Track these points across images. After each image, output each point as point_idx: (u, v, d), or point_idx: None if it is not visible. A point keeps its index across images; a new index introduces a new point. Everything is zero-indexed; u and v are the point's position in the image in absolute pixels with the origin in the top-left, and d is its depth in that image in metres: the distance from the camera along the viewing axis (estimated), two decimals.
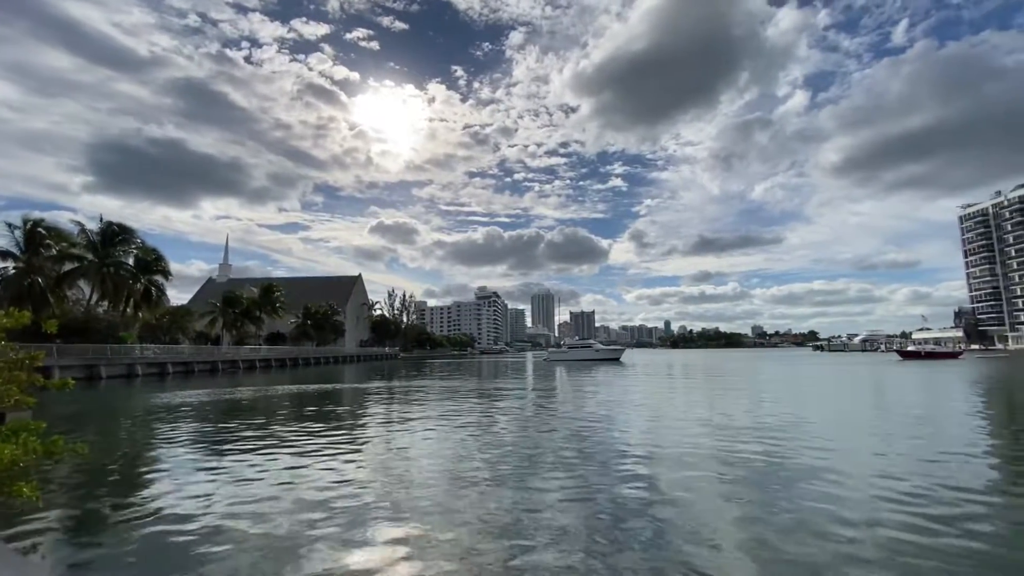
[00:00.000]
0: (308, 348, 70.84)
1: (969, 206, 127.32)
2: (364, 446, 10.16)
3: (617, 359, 67.02)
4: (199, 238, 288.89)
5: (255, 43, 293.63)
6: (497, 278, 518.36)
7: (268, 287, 66.74)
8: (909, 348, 66.39)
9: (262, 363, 52.79)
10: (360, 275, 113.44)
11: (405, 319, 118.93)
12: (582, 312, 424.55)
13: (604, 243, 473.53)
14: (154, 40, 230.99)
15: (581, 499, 6.35)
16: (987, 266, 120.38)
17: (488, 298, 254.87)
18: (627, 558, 4.56)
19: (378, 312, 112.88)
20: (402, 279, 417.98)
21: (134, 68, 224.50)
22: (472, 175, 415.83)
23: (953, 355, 60.15)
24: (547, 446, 9.81)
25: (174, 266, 46.38)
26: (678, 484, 7.05)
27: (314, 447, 9.91)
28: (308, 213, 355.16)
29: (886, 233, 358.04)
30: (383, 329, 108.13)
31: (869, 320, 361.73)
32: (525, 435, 11.11)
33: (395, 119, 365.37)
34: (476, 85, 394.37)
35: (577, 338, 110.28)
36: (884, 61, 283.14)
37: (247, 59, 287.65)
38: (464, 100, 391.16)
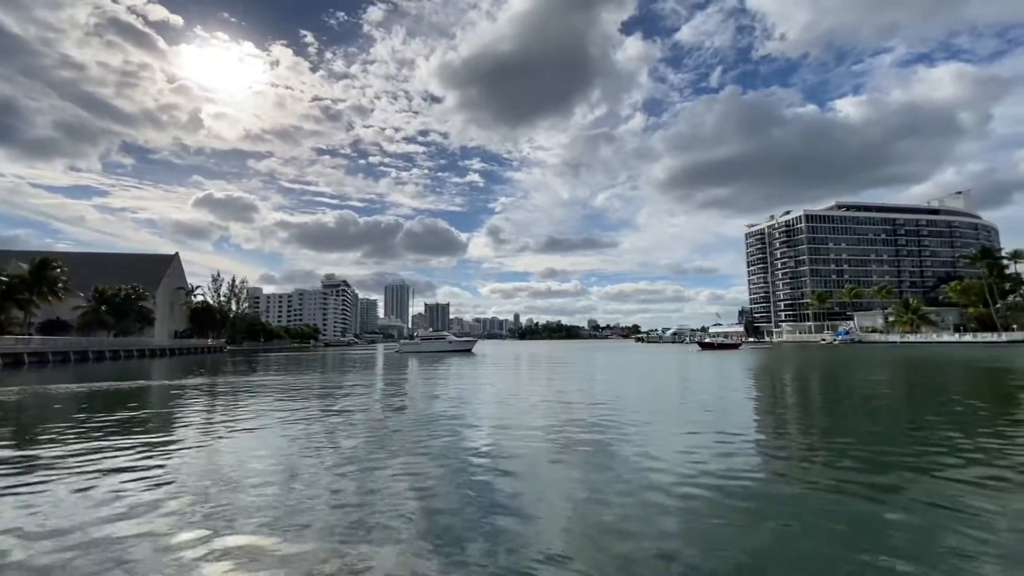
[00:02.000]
0: (103, 339, 58.46)
1: (752, 226, 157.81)
2: (173, 453, 8.74)
3: (469, 350, 68.47)
4: None
5: None
6: (350, 266, 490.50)
7: (43, 261, 53.25)
8: (706, 340, 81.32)
9: (34, 357, 42.08)
10: (177, 254, 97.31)
11: (234, 307, 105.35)
12: (437, 304, 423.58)
13: (463, 236, 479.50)
14: None
15: (425, 488, 6.33)
16: (761, 275, 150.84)
17: (336, 287, 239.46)
18: (464, 547, 4.67)
19: (200, 298, 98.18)
20: (235, 262, 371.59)
21: None
22: (321, 152, 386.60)
23: (735, 346, 74.15)
24: (394, 439, 9.58)
25: None
26: (520, 468, 7.45)
27: (105, 458, 8.23)
28: (110, 176, 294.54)
29: (694, 244, 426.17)
30: (205, 318, 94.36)
31: (679, 316, 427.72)
32: (370, 430, 10.70)
33: (228, 78, 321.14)
34: (329, 55, 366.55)
35: (431, 330, 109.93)
36: (702, 98, 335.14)
37: None
38: (314, 70, 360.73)
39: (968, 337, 74.36)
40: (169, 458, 8.21)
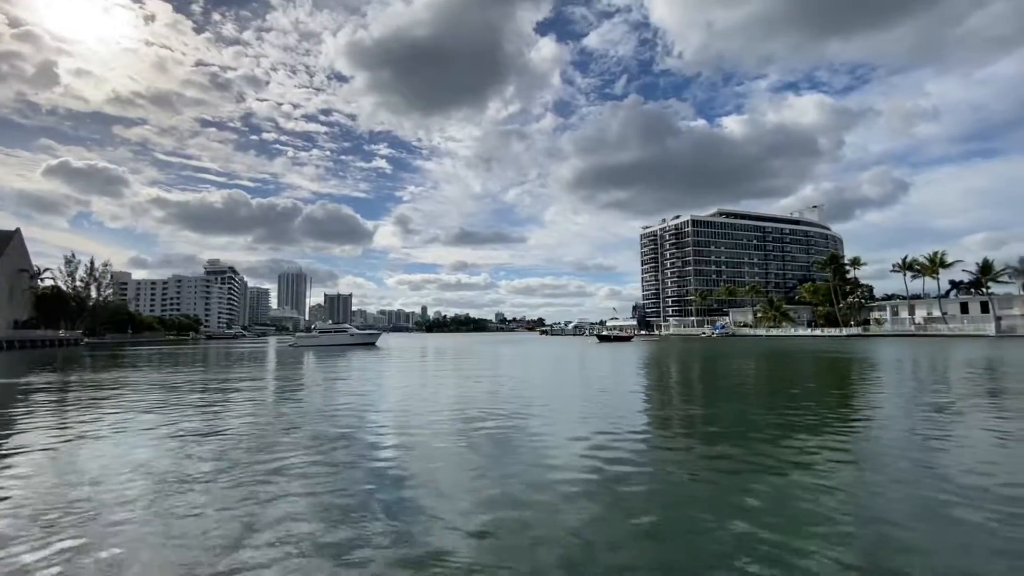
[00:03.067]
0: None
1: (646, 228, 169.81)
2: (14, 464, 7.43)
3: (373, 343, 66.16)
4: None
5: None
6: (240, 251, 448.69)
7: None
8: (603, 333, 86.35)
9: None
10: (19, 230, 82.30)
11: (94, 293, 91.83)
12: (338, 294, 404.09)
13: (369, 224, 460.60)
14: None
15: (318, 490, 6.00)
16: (653, 273, 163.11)
17: (222, 273, 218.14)
18: (361, 549, 4.51)
19: (49, 282, 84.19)
20: (98, 242, 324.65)
21: None
22: (206, 124, 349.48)
23: (628, 338, 79.80)
24: (285, 440, 8.97)
25: None
26: (421, 464, 7.35)
27: None
28: None
29: (596, 242, 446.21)
30: (56, 306, 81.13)
31: (581, 310, 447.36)
32: (258, 430, 9.93)
33: (90, 30, 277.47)
34: (217, 17, 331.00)
35: (330, 322, 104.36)
36: (608, 104, 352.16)
37: None
38: (199, 31, 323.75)
39: (817, 331, 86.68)
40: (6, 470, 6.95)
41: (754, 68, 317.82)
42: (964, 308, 70.38)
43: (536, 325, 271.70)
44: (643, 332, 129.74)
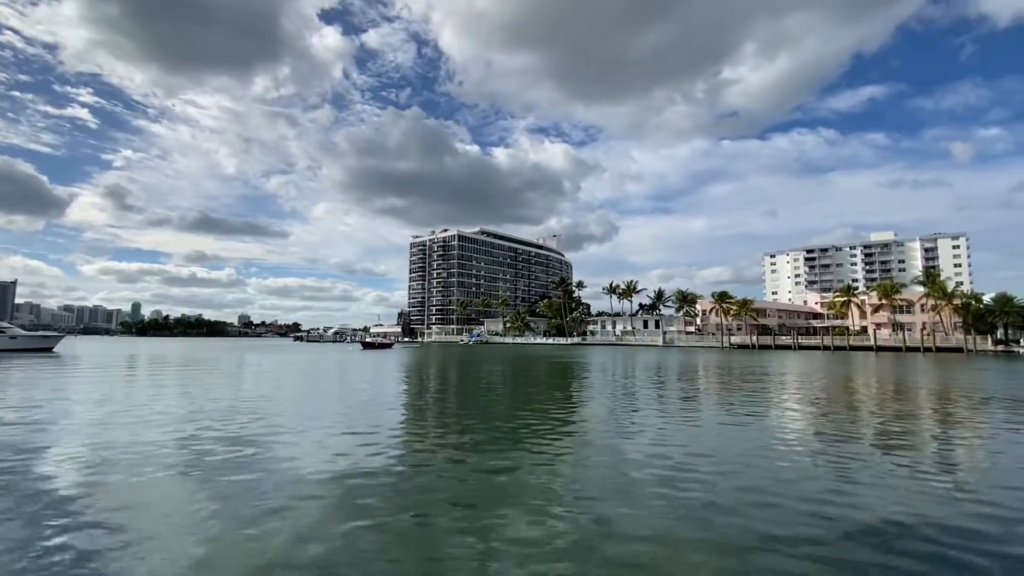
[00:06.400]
0: None
1: (416, 237, 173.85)
2: None
3: (50, 349, 49.69)
4: None
5: None
6: None
7: None
8: (367, 340, 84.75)
9: None
10: None
11: None
12: None
13: (60, 191, 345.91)
14: None
15: None
16: (420, 282, 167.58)
17: None
18: None
19: None
20: None
21: None
22: None
23: (389, 345, 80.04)
24: None
25: None
26: (121, 509, 5.95)
27: None
28: None
29: (366, 246, 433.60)
30: None
31: (345, 315, 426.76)
32: None
33: None
34: None
35: None
36: (389, 109, 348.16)
37: None
38: None
39: (550, 340, 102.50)
40: None
41: (519, 110, 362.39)
42: (646, 324, 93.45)
43: (291, 330, 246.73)
44: (406, 339, 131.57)
